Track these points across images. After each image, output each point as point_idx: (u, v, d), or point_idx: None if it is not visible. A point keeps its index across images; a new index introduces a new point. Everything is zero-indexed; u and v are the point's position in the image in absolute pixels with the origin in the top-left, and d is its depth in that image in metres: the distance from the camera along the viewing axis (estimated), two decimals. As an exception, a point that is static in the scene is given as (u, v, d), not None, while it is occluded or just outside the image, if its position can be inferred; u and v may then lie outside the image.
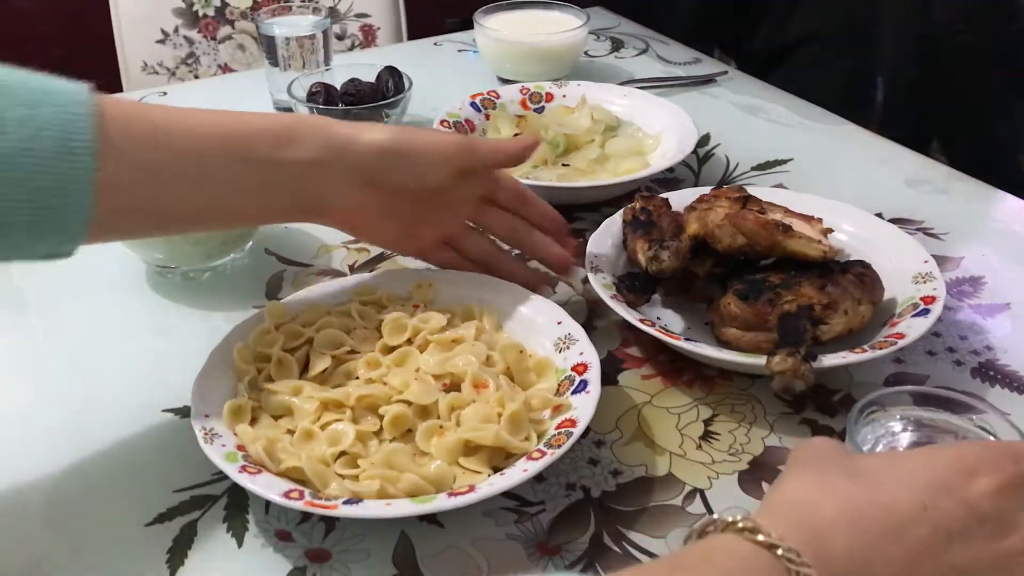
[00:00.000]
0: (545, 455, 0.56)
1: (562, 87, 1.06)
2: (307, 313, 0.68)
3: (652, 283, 0.72)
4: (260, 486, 0.54)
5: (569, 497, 0.60)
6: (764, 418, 0.66)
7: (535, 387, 0.64)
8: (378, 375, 0.63)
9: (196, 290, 0.80)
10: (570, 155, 0.96)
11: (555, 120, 1.00)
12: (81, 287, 0.81)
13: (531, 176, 0.91)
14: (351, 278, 0.73)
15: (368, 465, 0.57)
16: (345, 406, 0.60)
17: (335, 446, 0.58)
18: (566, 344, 0.66)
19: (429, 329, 0.66)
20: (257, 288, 0.80)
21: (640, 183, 0.91)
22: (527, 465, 0.55)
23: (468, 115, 1.01)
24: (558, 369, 0.65)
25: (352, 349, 0.65)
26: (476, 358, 0.63)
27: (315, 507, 0.53)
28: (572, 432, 0.57)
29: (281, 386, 0.62)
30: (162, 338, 0.75)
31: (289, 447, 0.58)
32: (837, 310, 0.66)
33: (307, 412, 0.60)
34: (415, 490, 0.55)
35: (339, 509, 0.53)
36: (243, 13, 1.57)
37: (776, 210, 0.73)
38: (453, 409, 0.60)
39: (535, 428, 0.59)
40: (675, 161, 0.91)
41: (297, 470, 0.56)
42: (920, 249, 0.74)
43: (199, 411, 0.59)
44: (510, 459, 0.58)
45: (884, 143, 1.05)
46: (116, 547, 0.57)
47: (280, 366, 0.64)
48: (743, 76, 1.22)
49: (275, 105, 1.12)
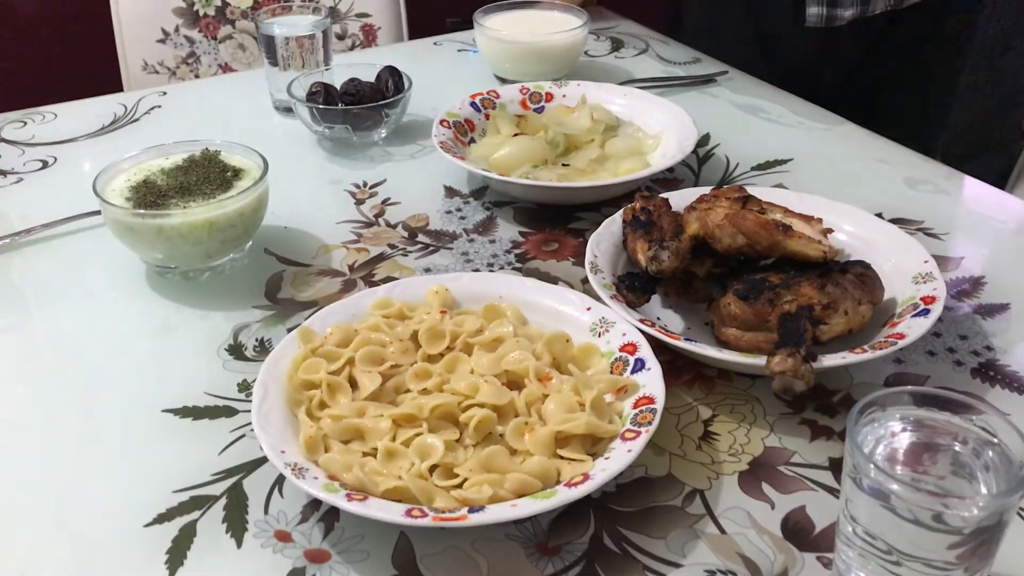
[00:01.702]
0: (640, 433, 0.58)
1: (562, 87, 1.06)
2: (336, 333, 0.67)
3: (652, 283, 0.72)
4: (376, 511, 0.53)
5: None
6: (764, 418, 0.66)
7: (591, 371, 0.66)
8: (433, 384, 0.63)
9: (196, 290, 0.80)
10: (570, 155, 0.96)
11: (555, 120, 1.00)
12: (81, 287, 0.81)
13: (531, 176, 0.90)
14: (363, 294, 0.72)
15: (467, 472, 0.57)
16: (419, 419, 0.60)
17: (425, 460, 0.57)
18: (604, 328, 0.68)
19: (467, 332, 0.67)
20: (257, 288, 0.80)
21: (640, 183, 0.91)
22: (629, 445, 0.57)
23: (468, 115, 1.01)
24: (603, 353, 0.66)
25: (395, 363, 0.65)
26: (526, 353, 0.64)
27: (444, 521, 0.53)
28: (655, 408, 0.59)
29: (345, 410, 0.61)
30: (162, 338, 0.75)
31: (379, 468, 0.57)
32: (837, 310, 0.66)
33: (382, 431, 0.60)
34: (523, 489, 0.56)
35: (468, 519, 0.53)
36: (243, 13, 1.57)
37: (776, 210, 0.73)
38: (529, 405, 0.61)
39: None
40: (675, 161, 0.91)
41: (398, 490, 0.56)
42: (920, 249, 0.74)
43: (274, 447, 0.57)
44: (598, 444, 0.60)
45: (884, 143, 1.04)
46: (116, 547, 0.57)
47: (330, 390, 0.63)
48: (743, 76, 1.22)
49: (275, 104, 1.12)
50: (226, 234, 0.78)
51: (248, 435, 0.65)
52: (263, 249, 0.85)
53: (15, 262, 0.84)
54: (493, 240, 0.87)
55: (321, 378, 0.63)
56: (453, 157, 0.91)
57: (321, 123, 1.02)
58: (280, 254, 0.85)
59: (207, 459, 0.63)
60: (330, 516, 0.58)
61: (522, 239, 0.87)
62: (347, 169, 1.00)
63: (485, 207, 0.92)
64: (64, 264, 0.84)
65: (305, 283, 0.81)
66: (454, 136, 0.97)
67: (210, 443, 0.64)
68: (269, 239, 0.86)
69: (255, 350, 0.73)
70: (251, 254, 0.84)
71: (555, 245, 0.86)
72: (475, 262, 0.84)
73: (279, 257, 0.84)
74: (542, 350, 0.65)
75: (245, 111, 1.13)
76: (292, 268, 0.83)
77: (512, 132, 0.98)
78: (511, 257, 0.84)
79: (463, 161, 0.91)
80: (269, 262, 0.84)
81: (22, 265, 0.84)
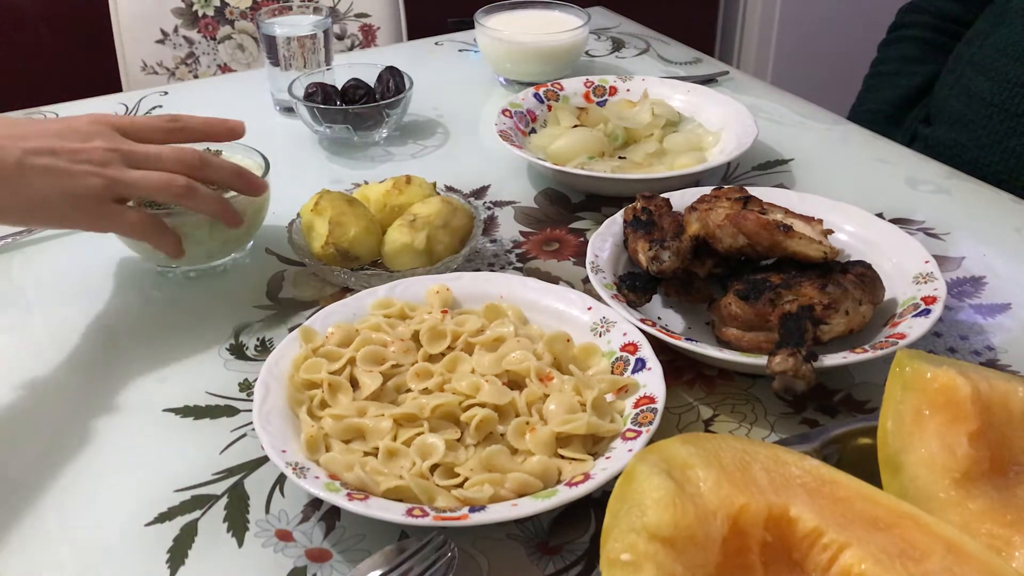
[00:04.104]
0: (641, 433, 0.58)
1: (626, 81, 1.07)
2: (338, 333, 0.68)
3: (653, 283, 0.72)
4: (377, 510, 0.53)
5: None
6: (765, 418, 0.66)
7: (592, 371, 0.66)
8: (434, 384, 0.63)
9: (196, 290, 0.80)
10: (628, 148, 0.98)
11: (616, 113, 1.01)
12: (81, 287, 0.81)
13: (586, 167, 0.92)
14: (364, 293, 0.72)
15: (468, 471, 0.57)
16: (420, 418, 0.60)
17: (426, 459, 0.57)
18: (605, 327, 0.68)
19: (468, 332, 0.67)
20: (258, 288, 0.80)
21: (691, 178, 0.91)
22: (629, 445, 0.57)
23: (531, 106, 1.03)
24: (604, 352, 0.66)
25: (396, 363, 0.65)
26: (527, 353, 0.64)
27: (445, 520, 0.53)
28: (656, 408, 0.59)
29: (346, 409, 0.62)
30: (163, 337, 0.75)
31: (380, 467, 0.57)
32: (838, 310, 0.66)
33: (383, 431, 0.60)
34: (523, 488, 0.56)
35: (469, 519, 0.53)
36: (243, 13, 1.57)
37: (777, 210, 0.73)
38: (529, 404, 0.61)
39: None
40: (731, 157, 0.91)
41: (399, 489, 0.56)
42: (921, 249, 0.74)
43: (275, 447, 0.57)
44: (599, 443, 0.60)
45: (885, 143, 1.05)
46: (117, 546, 0.57)
47: (331, 390, 0.63)
48: (743, 76, 1.22)
49: (276, 104, 1.12)
50: (227, 234, 0.78)
51: (249, 434, 0.65)
52: (264, 249, 0.85)
53: (15, 262, 0.84)
54: (494, 240, 0.87)
55: (322, 378, 0.63)
56: (511, 145, 0.93)
57: (322, 123, 1.02)
58: (281, 254, 0.85)
59: (208, 458, 0.63)
60: (331, 515, 0.58)
61: (523, 239, 0.87)
62: (348, 169, 1.00)
63: (486, 207, 0.92)
64: (65, 264, 0.84)
65: (306, 283, 0.81)
66: (515, 126, 0.99)
67: (211, 442, 0.64)
68: (270, 239, 0.86)
69: (256, 350, 0.73)
70: (252, 254, 0.85)
71: (556, 245, 0.86)
72: (476, 262, 0.84)
73: (280, 257, 0.84)
74: (543, 350, 0.65)
75: (246, 111, 1.13)
76: (293, 268, 0.83)
77: (572, 124, 1.00)
78: (512, 257, 0.84)
79: (520, 150, 0.93)
80: (270, 262, 0.84)
81: (22, 265, 0.84)
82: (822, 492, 0.45)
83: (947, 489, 0.47)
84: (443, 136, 1.07)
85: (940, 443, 0.48)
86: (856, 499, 0.45)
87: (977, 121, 1.12)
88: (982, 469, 0.48)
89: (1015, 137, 1.08)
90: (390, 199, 0.82)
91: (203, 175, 0.74)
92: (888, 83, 1.32)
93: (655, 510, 0.42)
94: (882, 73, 1.34)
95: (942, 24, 1.29)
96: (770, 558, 0.44)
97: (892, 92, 1.31)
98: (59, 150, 0.69)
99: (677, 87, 1.07)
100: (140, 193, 0.72)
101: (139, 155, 0.72)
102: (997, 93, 1.09)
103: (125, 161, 0.71)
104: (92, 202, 0.69)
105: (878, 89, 1.33)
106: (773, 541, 0.44)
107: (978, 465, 0.47)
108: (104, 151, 0.71)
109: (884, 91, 1.32)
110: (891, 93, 1.31)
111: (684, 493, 0.43)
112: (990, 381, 0.51)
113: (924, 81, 1.28)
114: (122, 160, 0.71)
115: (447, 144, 1.06)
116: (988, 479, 0.48)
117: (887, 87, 1.32)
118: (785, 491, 0.45)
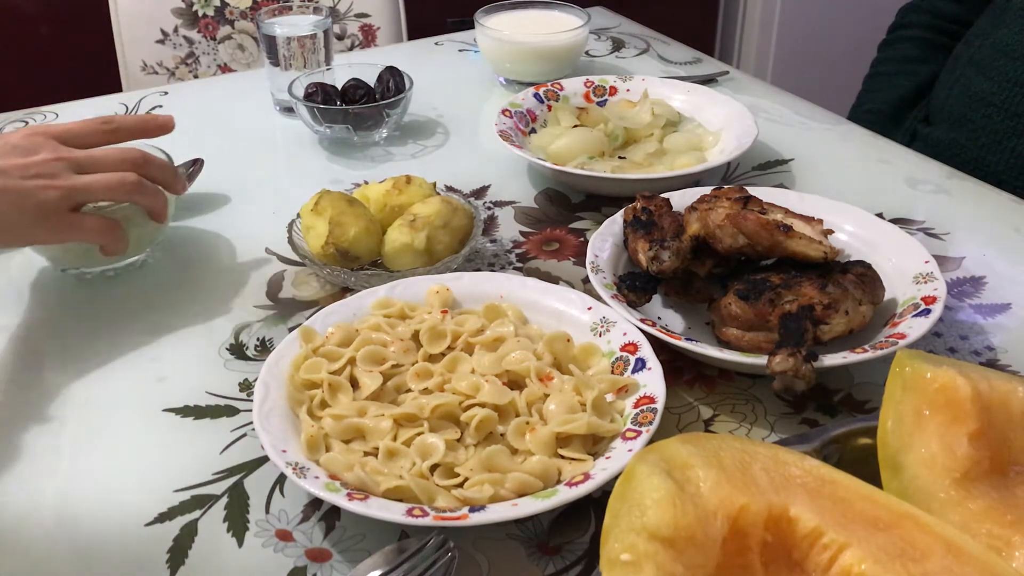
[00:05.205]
0: (641, 433, 0.58)
1: (626, 81, 1.07)
2: (338, 333, 0.68)
3: (653, 283, 0.72)
4: (377, 510, 0.53)
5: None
6: (765, 418, 0.66)
7: (592, 371, 0.66)
8: (434, 384, 0.63)
9: (196, 290, 0.80)
10: (628, 148, 0.98)
11: (616, 113, 1.01)
12: (82, 286, 0.81)
13: (586, 167, 0.92)
14: (364, 293, 0.72)
15: (468, 471, 0.57)
16: (420, 418, 0.60)
17: (426, 459, 0.57)
18: (604, 327, 0.68)
19: (468, 332, 0.67)
20: (258, 288, 0.80)
21: (691, 178, 0.91)
22: (630, 445, 0.57)
23: (531, 106, 1.03)
24: (603, 352, 0.66)
25: (396, 363, 0.65)
26: (527, 353, 0.64)
27: (445, 520, 0.53)
28: (656, 408, 0.59)
29: (346, 409, 0.61)
30: (163, 338, 0.75)
31: (380, 467, 0.57)
32: (838, 310, 0.66)
33: (383, 431, 0.60)
34: (523, 488, 0.56)
35: (469, 519, 0.53)
36: (243, 13, 1.57)
37: (777, 210, 0.73)
38: (529, 404, 0.61)
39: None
40: (731, 157, 0.91)
41: (399, 489, 0.56)
42: (921, 249, 0.74)
43: (275, 446, 0.57)
44: (599, 443, 0.60)
45: (885, 143, 1.05)
46: (117, 546, 0.57)
47: (331, 390, 0.63)
48: (743, 76, 1.22)
49: (276, 104, 1.12)
50: (142, 230, 0.79)
51: (249, 434, 0.65)
52: (264, 249, 0.85)
53: (15, 262, 0.84)
54: (494, 240, 0.87)
55: (322, 378, 0.63)
56: (511, 145, 0.93)
57: (322, 123, 1.02)
58: (281, 254, 0.85)
59: (208, 458, 0.63)
60: (331, 515, 0.58)
61: (523, 239, 0.87)
62: (348, 169, 1.00)
63: (486, 207, 0.92)
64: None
65: (306, 283, 0.81)
66: (515, 126, 0.99)
67: (211, 442, 0.64)
68: (271, 239, 0.86)
69: (256, 350, 0.73)
70: (253, 254, 0.85)
71: (556, 245, 0.86)
72: (476, 262, 0.84)
73: (280, 257, 0.84)
74: (543, 350, 0.65)
75: (246, 110, 1.13)
76: (293, 268, 0.83)
77: (572, 124, 1.00)
78: (512, 257, 0.84)
79: (519, 150, 0.92)
80: (270, 262, 0.84)
81: (22, 265, 0.84)
82: (822, 492, 0.45)
83: (947, 489, 0.47)
84: (443, 136, 1.07)
85: (940, 443, 0.48)
86: (856, 499, 0.45)
87: (977, 121, 1.12)
88: (982, 469, 0.47)
89: (1015, 137, 1.08)
90: (390, 199, 0.82)
91: (146, 172, 0.76)
92: (888, 83, 1.32)
93: (655, 510, 0.42)
94: (882, 73, 1.34)
95: (942, 24, 1.30)
96: (770, 558, 0.44)
97: (892, 92, 1.31)
98: (7, 168, 0.69)
99: (677, 87, 1.07)
100: (97, 197, 0.73)
101: (84, 160, 0.73)
102: (997, 93, 1.09)
103: (73, 168, 0.72)
104: (53, 215, 0.70)
105: (878, 89, 1.33)
106: (773, 541, 0.44)
107: (978, 465, 0.47)
108: (51, 162, 0.71)
109: (884, 91, 1.32)
110: (891, 93, 1.31)
111: (684, 493, 0.43)
112: (990, 381, 0.51)
113: (924, 81, 1.28)
114: (70, 167, 0.72)
115: (447, 144, 1.06)
116: (988, 479, 0.48)
117: (887, 87, 1.32)
118: (785, 491, 0.45)
